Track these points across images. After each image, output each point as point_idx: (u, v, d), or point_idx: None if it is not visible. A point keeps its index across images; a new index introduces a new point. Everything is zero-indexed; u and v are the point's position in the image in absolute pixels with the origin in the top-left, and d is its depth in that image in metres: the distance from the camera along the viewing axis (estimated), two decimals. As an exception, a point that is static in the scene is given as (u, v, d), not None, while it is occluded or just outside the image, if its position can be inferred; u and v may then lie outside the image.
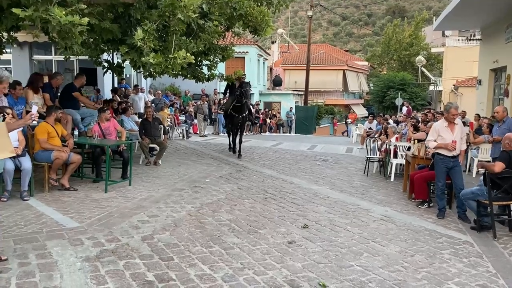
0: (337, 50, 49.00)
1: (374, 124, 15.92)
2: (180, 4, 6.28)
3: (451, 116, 6.35)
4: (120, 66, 10.30)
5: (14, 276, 3.73)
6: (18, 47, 13.59)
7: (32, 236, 4.76)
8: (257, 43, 29.69)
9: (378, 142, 10.61)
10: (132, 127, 10.69)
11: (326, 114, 34.19)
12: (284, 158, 11.68)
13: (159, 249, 4.55)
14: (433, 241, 5.27)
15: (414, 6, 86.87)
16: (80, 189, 7.11)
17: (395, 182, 8.97)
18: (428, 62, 41.34)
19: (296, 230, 5.44)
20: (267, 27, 8.93)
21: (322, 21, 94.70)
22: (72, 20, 5.37)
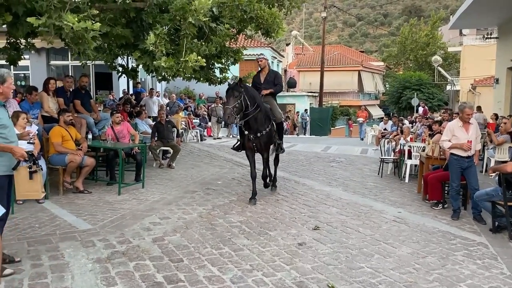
0: (352, 51, 48.70)
1: (389, 125, 15.77)
2: (191, 8, 6.34)
3: (465, 115, 6.25)
4: (134, 70, 10.45)
5: (26, 277, 3.81)
6: (36, 53, 13.82)
7: (46, 238, 4.85)
8: (271, 45, 29.71)
9: (393, 143, 10.51)
10: (146, 130, 10.81)
11: (341, 115, 33.98)
12: (297, 160, 11.65)
13: (169, 251, 4.59)
14: (446, 242, 5.19)
15: (430, 5, 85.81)
16: (94, 191, 7.22)
17: (409, 183, 8.87)
18: (445, 61, 40.74)
19: (307, 231, 5.42)
20: (279, 29, 8.94)
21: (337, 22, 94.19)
22: (84, 26, 5.47)
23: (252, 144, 6.84)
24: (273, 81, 7.32)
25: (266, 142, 6.93)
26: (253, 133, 6.72)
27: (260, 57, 7.51)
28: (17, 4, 5.95)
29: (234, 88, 6.41)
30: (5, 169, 3.89)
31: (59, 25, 5.45)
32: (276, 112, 7.30)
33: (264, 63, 7.46)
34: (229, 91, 6.46)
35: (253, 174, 6.88)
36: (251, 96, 6.55)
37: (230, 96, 6.39)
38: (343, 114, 34.15)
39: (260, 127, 6.72)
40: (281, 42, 48.65)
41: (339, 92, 37.94)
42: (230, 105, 6.27)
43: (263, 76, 7.38)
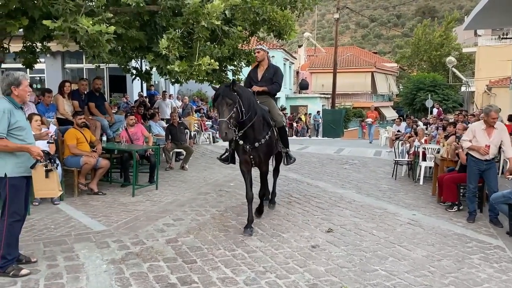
0: (365, 52, 48.44)
1: (403, 127, 15.65)
2: (204, 11, 6.37)
3: (491, 119, 6.06)
4: (148, 73, 10.53)
5: (42, 278, 3.86)
6: (51, 57, 14.05)
7: (61, 239, 4.91)
8: (283, 47, 29.72)
9: (407, 145, 10.42)
10: (159, 132, 10.88)
11: (355, 117, 33.79)
12: (310, 162, 11.61)
13: (182, 252, 4.61)
14: (462, 245, 5.12)
15: (444, 6, 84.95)
16: (109, 193, 7.29)
17: (424, 185, 8.77)
18: (459, 62, 40.27)
19: (320, 234, 5.40)
20: (291, 31, 8.93)
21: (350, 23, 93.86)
22: (99, 29, 5.54)
23: (248, 156, 5.43)
24: (271, 79, 6.13)
25: (266, 153, 5.58)
26: (249, 143, 5.33)
27: (257, 48, 6.23)
28: (34, 8, 6.05)
29: (226, 95, 4.94)
30: (23, 170, 3.97)
31: (74, 28, 5.54)
32: (275, 115, 6.08)
33: (262, 56, 6.17)
34: (220, 99, 4.97)
35: (250, 196, 5.47)
36: (247, 100, 5.16)
37: (223, 105, 4.95)
38: (356, 116, 33.96)
39: (258, 135, 5.37)
40: (293, 44, 48.60)
41: (352, 94, 37.76)
42: (225, 117, 4.88)
43: (261, 72, 6.19)
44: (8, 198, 3.89)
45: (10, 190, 3.89)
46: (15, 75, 3.96)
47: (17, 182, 3.93)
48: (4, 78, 4.01)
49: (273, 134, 5.80)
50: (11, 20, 6.30)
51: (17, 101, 3.99)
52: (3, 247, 3.87)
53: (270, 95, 6.19)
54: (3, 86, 4.00)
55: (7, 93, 3.97)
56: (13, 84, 3.94)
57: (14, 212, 3.92)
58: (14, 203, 3.91)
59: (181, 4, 6.59)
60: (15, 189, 3.91)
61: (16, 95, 3.96)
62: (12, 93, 3.95)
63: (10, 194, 3.89)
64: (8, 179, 3.88)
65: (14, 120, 3.87)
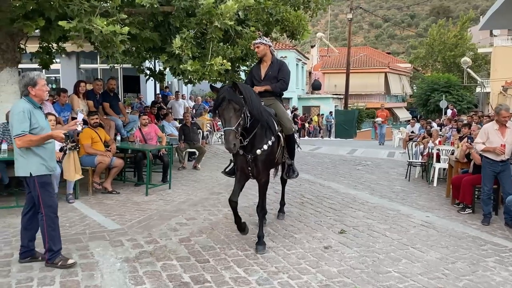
0: (379, 53, 48.12)
1: (417, 128, 15.52)
2: (217, 12, 6.41)
3: (501, 118, 6.05)
4: (162, 73, 10.60)
5: (58, 275, 3.92)
6: (66, 57, 14.22)
7: (76, 237, 4.98)
8: (295, 47, 29.68)
9: (421, 146, 10.33)
10: (172, 132, 10.95)
11: (368, 118, 33.59)
12: (323, 163, 11.58)
13: (195, 251, 4.64)
14: (477, 248, 5.06)
15: (459, 6, 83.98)
16: (122, 192, 7.36)
17: (438, 187, 8.69)
18: (474, 63, 39.80)
19: (333, 235, 5.38)
20: (304, 32, 8.92)
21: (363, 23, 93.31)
22: (113, 29, 5.61)
23: (247, 167, 4.77)
24: (276, 77, 5.31)
25: (266, 163, 4.80)
26: (248, 152, 4.66)
27: (256, 43, 5.34)
28: (50, 10, 6.14)
29: (232, 98, 4.24)
30: (45, 169, 4.08)
31: (89, 29, 5.62)
32: (284, 120, 5.24)
33: (263, 50, 5.29)
34: (225, 104, 4.25)
35: (232, 205, 4.82)
36: (251, 102, 4.43)
37: (229, 112, 4.24)
38: (369, 117, 33.75)
39: (259, 142, 4.63)
40: (306, 44, 48.51)
41: (365, 94, 37.55)
42: (232, 125, 4.21)
43: (264, 69, 5.37)
44: (40, 197, 4.03)
45: (40, 188, 4.02)
46: (30, 76, 4.05)
47: (45, 180, 4.07)
48: (20, 79, 4.13)
49: (277, 142, 4.93)
50: (28, 21, 6.41)
51: (36, 101, 4.08)
52: (48, 241, 4.05)
53: (276, 96, 5.39)
54: (21, 87, 4.12)
55: (25, 94, 4.08)
56: (29, 84, 4.02)
57: (49, 208, 4.07)
58: (46, 200, 4.05)
59: (195, 4, 6.63)
60: (44, 186, 4.05)
61: (33, 95, 4.05)
62: (30, 93, 4.04)
63: (41, 192, 4.03)
64: (36, 178, 4.01)
65: (34, 120, 3.98)
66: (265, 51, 5.30)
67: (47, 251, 4.08)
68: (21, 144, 3.93)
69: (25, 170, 4.01)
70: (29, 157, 4.01)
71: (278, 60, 5.48)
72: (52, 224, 4.08)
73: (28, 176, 4.02)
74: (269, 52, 5.35)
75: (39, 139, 3.99)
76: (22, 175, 4.06)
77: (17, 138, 3.92)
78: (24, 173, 4.03)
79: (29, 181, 4.04)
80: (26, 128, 3.92)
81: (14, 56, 7.44)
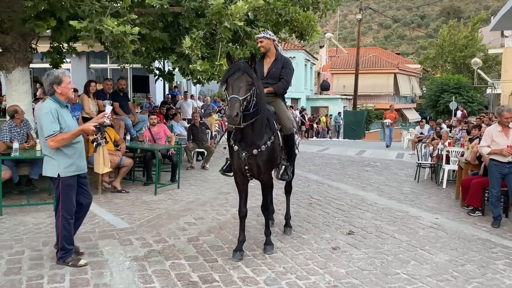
0: (388, 53, 47.90)
1: (426, 129, 15.43)
2: (227, 12, 6.43)
3: (504, 119, 6.06)
4: (171, 73, 10.66)
5: (68, 273, 3.96)
6: (76, 57, 14.36)
7: (86, 235, 5.02)
8: (304, 47, 29.64)
9: (430, 148, 10.27)
10: (181, 132, 10.99)
11: (376, 119, 33.44)
12: (331, 163, 11.56)
13: (204, 251, 4.66)
14: (486, 250, 5.02)
15: (470, 6, 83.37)
16: (132, 191, 7.40)
17: (447, 188, 8.64)
18: (485, 64, 39.45)
19: (341, 236, 5.37)
20: (313, 32, 8.89)
21: (373, 24, 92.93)
22: (123, 30, 5.65)
23: (243, 166, 4.52)
24: (279, 75, 4.99)
25: (266, 163, 4.53)
26: (245, 149, 4.42)
27: (260, 37, 4.99)
28: (61, 10, 6.20)
29: (247, 71, 4.10)
30: (74, 169, 4.13)
31: (100, 29, 5.66)
32: (284, 118, 4.93)
33: (267, 45, 4.96)
34: (239, 74, 4.08)
35: (243, 212, 4.69)
36: (259, 89, 4.29)
37: (241, 81, 4.08)
38: (378, 118, 33.60)
39: (257, 139, 4.39)
40: (315, 45, 48.39)
41: (374, 95, 37.39)
42: (241, 95, 4.01)
43: (267, 65, 5.04)
44: (61, 197, 4.06)
45: (63, 189, 4.05)
46: (55, 74, 4.07)
47: (69, 182, 4.08)
48: (45, 78, 4.12)
49: (278, 140, 4.67)
50: (40, 21, 6.48)
51: (62, 99, 4.10)
52: (61, 240, 4.09)
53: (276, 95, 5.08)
54: (46, 86, 4.11)
55: (50, 93, 4.09)
56: (55, 82, 4.04)
57: (67, 210, 4.09)
58: (66, 201, 4.08)
59: (205, 5, 6.66)
60: (67, 188, 4.07)
61: (59, 93, 4.07)
62: (56, 92, 4.06)
63: (62, 193, 4.06)
64: (61, 179, 4.04)
65: (61, 119, 4.01)
66: (269, 45, 4.97)
67: (59, 249, 4.13)
68: (54, 144, 3.94)
69: (53, 171, 4.05)
70: (58, 158, 4.03)
71: (282, 56, 5.12)
72: (67, 225, 4.11)
73: (55, 177, 4.06)
74: (273, 47, 5.02)
75: (70, 136, 4.01)
76: (50, 176, 4.10)
77: (50, 139, 3.92)
78: (52, 174, 4.06)
79: (55, 181, 4.09)
80: (57, 127, 3.94)
81: (26, 56, 7.52)
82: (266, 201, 4.87)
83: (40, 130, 4.02)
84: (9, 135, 6.63)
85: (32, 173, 6.78)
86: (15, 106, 6.92)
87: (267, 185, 4.82)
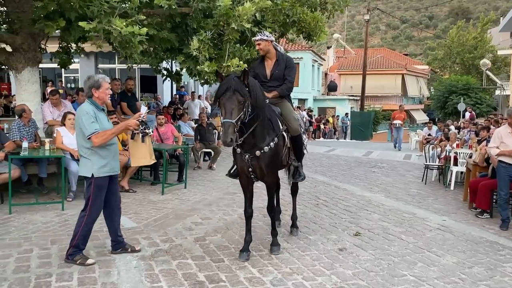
0: (396, 54, 47.71)
1: (434, 131, 15.36)
2: (234, 14, 6.45)
3: None
4: (178, 73, 10.70)
5: (76, 271, 3.99)
6: (85, 57, 14.48)
7: (94, 234, 5.00)
8: (312, 48, 29.60)
9: (438, 149, 10.22)
10: (188, 132, 11.03)
11: (384, 120, 33.32)
12: (338, 164, 11.54)
13: (210, 251, 4.67)
14: (494, 253, 4.99)
15: (479, 7, 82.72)
16: (139, 191, 7.44)
17: (455, 190, 8.59)
18: (494, 65, 39.13)
19: (348, 237, 5.36)
20: (321, 33, 8.90)
21: (381, 24, 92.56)
22: (132, 30, 5.69)
23: (247, 168, 4.51)
24: (283, 75, 4.85)
25: (270, 165, 4.48)
26: (248, 151, 4.39)
27: (257, 40, 4.77)
28: (70, 10, 6.25)
29: (238, 89, 3.97)
30: (108, 170, 4.22)
31: (108, 29, 5.70)
32: (291, 120, 4.83)
33: (266, 47, 4.75)
34: (229, 94, 3.97)
35: (248, 213, 4.66)
36: (255, 97, 4.17)
37: (232, 102, 3.96)
38: (386, 119, 33.47)
39: (260, 141, 4.34)
40: (322, 45, 48.31)
41: (381, 96, 37.26)
42: (233, 118, 3.93)
43: (269, 67, 4.86)
44: (92, 197, 4.16)
45: (95, 189, 4.15)
46: (95, 78, 4.20)
47: (102, 182, 4.18)
48: (86, 81, 4.26)
49: (281, 142, 4.60)
50: (49, 22, 6.53)
51: (98, 103, 4.22)
52: (78, 238, 4.17)
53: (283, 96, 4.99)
54: (85, 88, 4.26)
55: (88, 96, 4.21)
56: (94, 86, 4.16)
57: (95, 210, 4.20)
58: (96, 201, 4.18)
59: (212, 6, 6.69)
60: (99, 188, 4.18)
61: (96, 97, 4.19)
62: (93, 95, 4.18)
63: (94, 193, 4.16)
64: (94, 179, 4.14)
65: (98, 121, 4.13)
66: (267, 47, 4.76)
67: (72, 246, 4.19)
68: (99, 141, 4.05)
69: (87, 171, 4.15)
70: (93, 158, 4.14)
71: (283, 55, 4.94)
72: (90, 225, 4.23)
73: (89, 177, 4.16)
74: (272, 47, 4.80)
75: (114, 131, 4.19)
76: (84, 175, 4.20)
77: (93, 136, 4.03)
78: (86, 174, 4.17)
79: (88, 180, 4.19)
80: (97, 126, 4.07)
81: (35, 56, 7.59)
82: (271, 202, 4.81)
83: (79, 131, 4.12)
84: (18, 134, 6.70)
85: (40, 172, 6.85)
86: (22, 105, 6.99)
87: (272, 187, 4.78)
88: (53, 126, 7.45)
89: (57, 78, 17.22)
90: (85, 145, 4.13)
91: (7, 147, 6.30)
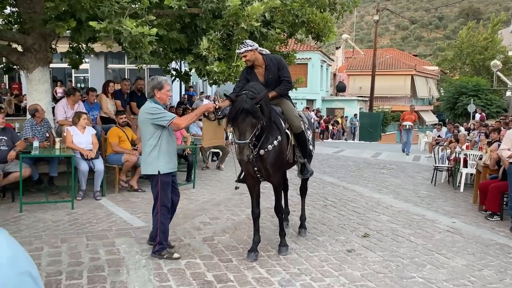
0: (405, 55, 47.41)
1: (443, 132, 15.25)
2: (244, 14, 6.45)
3: None
4: (187, 74, 10.73)
5: (85, 270, 4.03)
6: (95, 57, 14.57)
7: (103, 233, 5.09)
8: (320, 49, 29.52)
9: (447, 151, 10.14)
10: (197, 132, 11.05)
11: (393, 121, 33.13)
12: (346, 165, 11.50)
13: (218, 251, 4.68)
14: (505, 255, 4.94)
15: (490, 8, 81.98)
16: (148, 190, 7.45)
17: (464, 192, 8.52)
18: (505, 66, 38.73)
19: (356, 238, 5.35)
20: (330, 33, 8.87)
21: (390, 25, 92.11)
22: (142, 31, 5.72)
23: (252, 168, 4.51)
24: (278, 78, 4.73)
25: (275, 164, 4.49)
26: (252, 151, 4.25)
27: (241, 53, 4.57)
28: (81, 11, 6.30)
29: (251, 112, 3.99)
30: (172, 166, 4.39)
31: (118, 30, 5.73)
32: (292, 117, 4.77)
33: (252, 57, 4.58)
34: (243, 116, 4.00)
35: (256, 213, 4.65)
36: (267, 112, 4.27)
37: (246, 125, 4.02)
38: (395, 120, 33.27)
39: (264, 142, 4.34)
40: (331, 46, 48.19)
41: (390, 97, 37.04)
42: (247, 138, 4.01)
43: (261, 74, 4.74)
44: (160, 194, 4.30)
45: (162, 186, 4.30)
46: (158, 79, 4.37)
47: (167, 179, 4.34)
48: (149, 81, 4.47)
49: (285, 140, 4.60)
50: (60, 22, 6.59)
51: (160, 103, 4.36)
52: (159, 235, 4.33)
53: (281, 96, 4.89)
54: (148, 89, 4.44)
55: (150, 96, 4.38)
56: (156, 87, 4.32)
57: (164, 206, 4.35)
58: (164, 197, 4.33)
59: (222, 6, 6.70)
60: (165, 185, 4.33)
61: (158, 97, 4.34)
62: (155, 95, 4.33)
63: (161, 191, 4.30)
64: (160, 176, 4.27)
65: None
66: (253, 56, 4.59)
67: (157, 243, 4.35)
68: (183, 122, 4.43)
69: (154, 169, 4.27)
70: (159, 156, 4.27)
71: (271, 58, 4.76)
72: (165, 221, 4.37)
73: (155, 174, 4.27)
74: (258, 54, 4.64)
75: (193, 116, 4.61)
76: (151, 173, 4.32)
77: (176, 119, 4.27)
78: (153, 171, 4.29)
79: (153, 179, 4.32)
80: (171, 114, 4.29)
81: (46, 56, 7.66)
82: (279, 203, 4.79)
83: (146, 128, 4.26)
84: (30, 132, 6.77)
85: (51, 171, 6.92)
86: (35, 105, 7.06)
87: (278, 187, 4.77)
88: (63, 125, 7.52)
89: (67, 78, 17.36)
90: (152, 142, 4.26)
91: (18, 146, 6.36)
